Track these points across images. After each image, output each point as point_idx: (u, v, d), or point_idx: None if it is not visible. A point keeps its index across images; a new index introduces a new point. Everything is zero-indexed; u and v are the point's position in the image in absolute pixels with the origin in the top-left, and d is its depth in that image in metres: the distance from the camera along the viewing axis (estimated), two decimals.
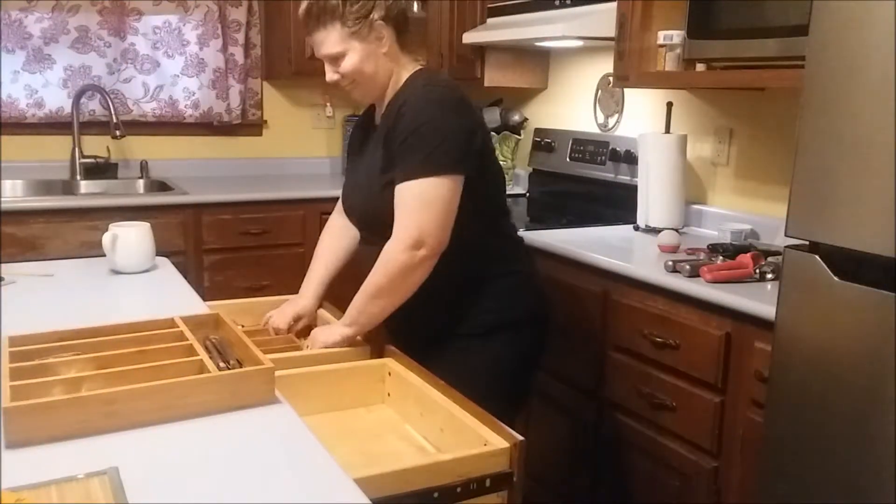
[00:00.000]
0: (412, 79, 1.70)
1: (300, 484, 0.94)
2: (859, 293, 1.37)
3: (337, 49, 1.66)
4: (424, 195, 1.56)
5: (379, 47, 1.67)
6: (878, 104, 1.32)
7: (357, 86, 1.71)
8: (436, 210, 1.57)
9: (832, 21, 1.39)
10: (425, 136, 1.57)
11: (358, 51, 1.66)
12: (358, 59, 1.66)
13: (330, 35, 1.65)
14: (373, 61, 1.68)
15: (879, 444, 1.35)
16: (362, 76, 1.69)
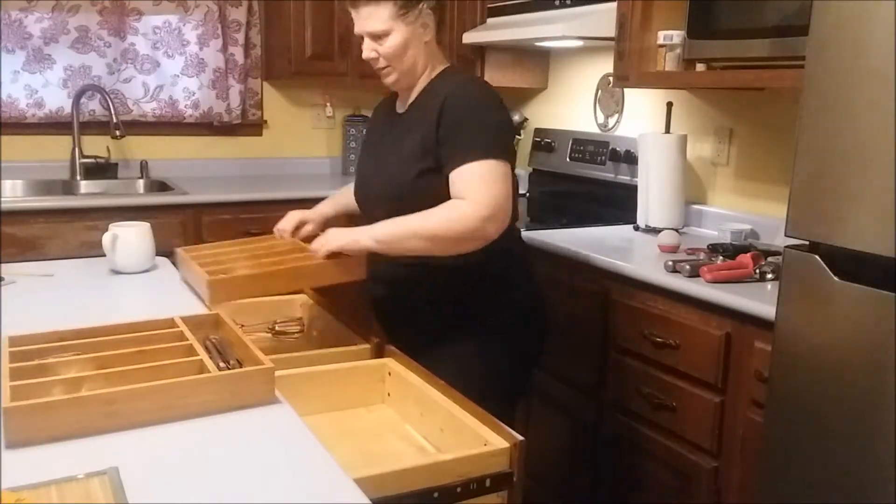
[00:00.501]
0: (447, 73, 1.73)
1: (300, 484, 0.94)
2: (859, 293, 1.37)
3: (382, 27, 1.64)
4: (495, 175, 1.58)
5: (423, 35, 1.68)
6: (877, 104, 1.32)
7: (392, 70, 1.70)
8: (505, 192, 1.59)
9: (832, 21, 1.39)
10: (482, 123, 1.61)
11: (403, 33, 1.65)
12: (401, 42, 1.66)
13: (378, 11, 1.63)
14: (414, 47, 1.68)
15: (879, 443, 1.35)
16: (401, 61, 1.68)
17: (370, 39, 1.67)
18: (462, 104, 1.62)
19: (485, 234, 1.58)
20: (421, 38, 1.68)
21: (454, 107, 1.61)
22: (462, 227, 1.57)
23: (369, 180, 1.80)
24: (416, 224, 1.60)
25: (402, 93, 1.79)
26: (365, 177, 1.84)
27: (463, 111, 1.61)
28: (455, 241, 1.59)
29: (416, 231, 1.60)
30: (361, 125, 3.76)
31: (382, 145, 1.79)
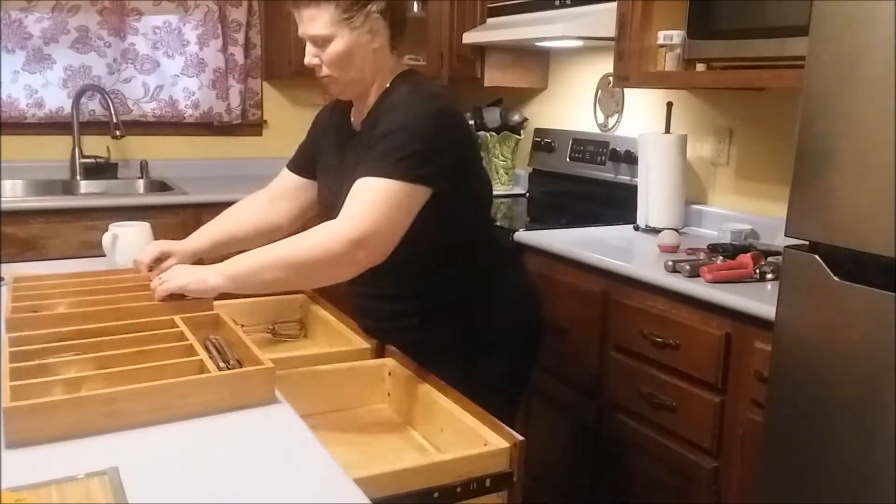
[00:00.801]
0: (400, 83, 1.59)
1: (300, 484, 0.94)
2: (859, 293, 1.37)
3: (324, 32, 1.50)
4: (388, 197, 1.42)
5: (370, 42, 1.54)
6: (877, 104, 1.32)
7: (335, 80, 1.57)
8: (394, 217, 1.43)
9: (832, 21, 1.39)
10: (402, 139, 1.45)
11: (346, 39, 1.51)
12: (344, 49, 1.52)
13: (320, 14, 1.50)
14: (359, 55, 1.54)
15: (879, 443, 1.35)
16: (344, 70, 1.54)
17: (312, 44, 1.54)
18: (391, 118, 1.49)
19: (354, 259, 1.41)
20: (367, 45, 1.54)
21: (384, 119, 1.50)
22: (326, 252, 1.40)
23: (331, 195, 1.64)
24: (273, 253, 1.43)
25: (356, 102, 1.66)
26: (326, 190, 1.70)
27: (390, 124, 1.48)
28: (321, 269, 1.42)
29: (273, 261, 1.42)
30: None
31: (341, 167, 1.63)
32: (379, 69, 1.59)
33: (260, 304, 1.89)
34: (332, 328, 1.76)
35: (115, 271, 1.72)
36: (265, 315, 1.85)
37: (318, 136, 1.80)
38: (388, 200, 1.42)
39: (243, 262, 1.44)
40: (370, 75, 1.58)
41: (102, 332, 1.30)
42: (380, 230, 1.42)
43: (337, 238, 1.40)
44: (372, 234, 1.41)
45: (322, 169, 1.76)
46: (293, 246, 1.43)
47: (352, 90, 1.60)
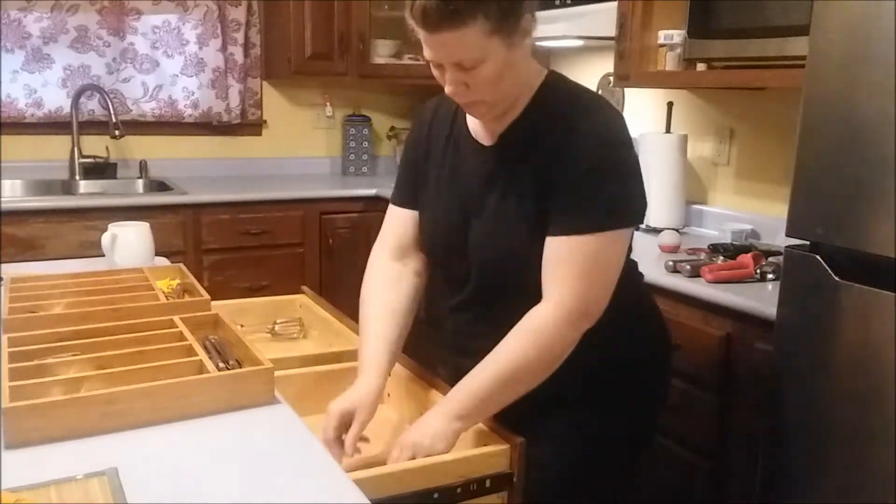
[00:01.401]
0: (552, 87, 1.29)
1: (300, 484, 0.94)
2: (859, 293, 1.37)
3: (475, 54, 1.16)
4: (601, 255, 1.21)
5: (523, 48, 1.22)
6: (878, 104, 1.32)
7: (484, 103, 1.24)
8: (610, 274, 1.24)
9: (832, 21, 1.39)
10: (606, 179, 1.20)
11: (501, 55, 1.17)
12: (500, 66, 1.18)
13: (467, 34, 1.14)
14: (514, 68, 1.22)
15: (879, 443, 1.34)
16: (497, 89, 1.21)
17: (454, 69, 1.19)
18: (586, 150, 1.20)
19: (578, 335, 1.24)
20: (520, 55, 1.22)
21: (576, 151, 1.20)
22: (555, 343, 1.22)
23: (458, 240, 1.35)
24: (504, 367, 1.23)
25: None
26: (448, 235, 1.37)
27: (585, 159, 1.20)
28: (553, 360, 1.24)
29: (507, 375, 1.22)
30: (361, 124, 3.76)
31: (472, 190, 1.33)
32: (528, 76, 1.29)
33: (260, 304, 1.89)
34: (332, 328, 1.76)
35: (115, 271, 1.72)
36: (265, 315, 1.84)
37: (420, 156, 1.43)
38: (603, 260, 1.22)
39: (473, 395, 1.23)
40: (522, 86, 1.28)
41: (101, 333, 1.29)
42: (597, 297, 1.23)
43: (561, 323, 1.22)
44: (591, 304, 1.23)
45: (432, 192, 1.41)
46: (519, 353, 1.22)
47: (500, 108, 1.27)
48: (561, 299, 1.21)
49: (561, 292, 1.21)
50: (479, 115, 1.29)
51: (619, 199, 1.22)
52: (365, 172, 3.77)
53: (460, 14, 1.12)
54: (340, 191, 3.32)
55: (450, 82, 1.21)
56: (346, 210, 3.27)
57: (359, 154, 3.77)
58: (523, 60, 1.24)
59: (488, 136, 1.32)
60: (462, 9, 1.12)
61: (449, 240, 1.37)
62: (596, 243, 1.20)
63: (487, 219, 1.30)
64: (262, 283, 3.09)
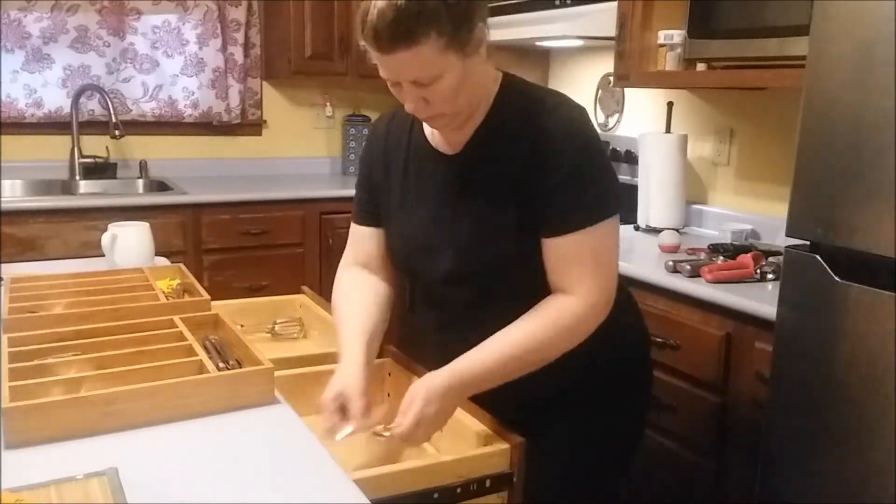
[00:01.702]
0: (508, 89, 1.29)
1: (300, 484, 0.94)
2: (859, 293, 1.37)
3: (431, 70, 1.15)
4: (605, 244, 1.25)
5: (477, 60, 1.20)
6: (878, 104, 1.31)
7: (444, 115, 1.23)
8: (616, 259, 1.29)
9: (832, 21, 1.39)
10: (588, 175, 1.22)
11: (457, 68, 1.16)
12: (457, 79, 1.17)
13: (421, 52, 1.12)
14: (471, 78, 1.20)
15: (879, 443, 1.34)
16: (454, 102, 1.20)
17: (412, 87, 1.18)
18: (563, 151, 1.20)
19: (598, 323, 1.26)
20: (476, 65, 1.20)
21: (553, 155, 1.20)
22: (580, 331, 1.24)
23: (437, 251, 1.31)
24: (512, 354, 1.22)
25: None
26: (425, 247, 1.33)
27: (566, 161, 1.20)
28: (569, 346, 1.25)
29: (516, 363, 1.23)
30: (361, 125, 3.76)
31: (443, 201, 1.31)
32: (486, 83, 1.28)
33: (260, 304, 1.89)
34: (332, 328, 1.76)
35: (115, 271, 1.72)
36: (265, 315, 1.84)
37: (377, 169, 1.42)
38: (603, 250, 1.25)
39: (479, 372, 1.22)
40: (480, 94, 1.26)
41: (101, 333, 1.30)
42: (608, 287, 1.26)
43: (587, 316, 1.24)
44: (607, 295, 1.26)
45: (398, 209, 1.38)
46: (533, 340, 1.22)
47: (461, 118, 1.26)
48: (589, 293, 1.23)
49: (588, 288, 1.23)
50: (441, 127, 1.27)
51: (603, 189, 1.25)
52: None
53: (412, 33, 1.10)
54: (340, 191, 3.31)
55: (408, 100, 1.20)
56: (346, 210, 3.24)
57: (359, 154, 3.77)
58: (479, 68, 1.23)
59: (450, 145, 1.31)
60: (413, 28, 1.10)
61: (424, 253, 1.34)
62: (598, 234, 1.23)
63: (467, 229, 1.28)
64: (262, 283, 3.09)
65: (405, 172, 1.37)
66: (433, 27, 1.11)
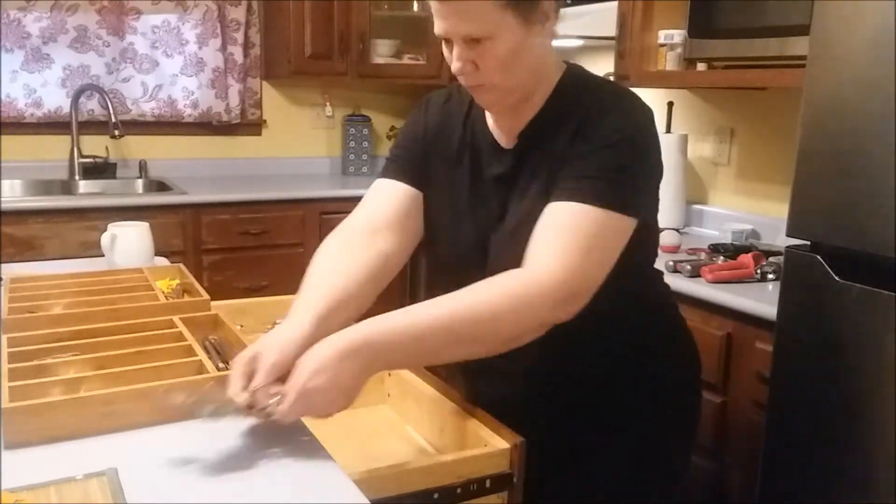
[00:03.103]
0: (572, 77, 1.20)
1: (300, 484, 0.94)
2: (859, 293, 1.37)
3: (487, 27, 1.05)
4: (597, 234, 1.07)
5: (541, 33, 1.10)
6: (878, 104, 1.31)
7: (493, 89, 1.12)
8: (608, 259, 1.09)
9: (833, 21, 1.38)
10: (623, 158, 1.10)
11: (515, 33, 1.07)
12: (512, 46, 1.07)
13: (480, 3, 1.04)
14: (529, 52, 1.10)
15: (879, 443, 1.34)
16: (510, 74, 1.10)
17: (463, 45, 1.08)
18: (603, 128, 1.10)
19: (553, 321, 1.08)
20: (538, 38, 1.10)
21: (594, 127, 1.10)
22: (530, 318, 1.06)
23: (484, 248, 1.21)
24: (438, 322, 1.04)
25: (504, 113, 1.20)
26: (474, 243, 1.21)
27: (607, 135, 1.10)
28: (521, 337, 1.08)
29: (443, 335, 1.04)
30: (361, 124, 3.76)
31: (493, 197, 1.21)
32: (547, 66, 1.17)
33: (260, 304, 1.89)
34: None
35: (114, 271, 1.72)
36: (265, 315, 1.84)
37: (431, 138, 1.28)
38: (604, 237, 1.08)
39: (396, 338, 1.02)
40: (538, 76, 1.16)
41: (101, 333, 1.29)
42: (590, 278, 1.07)
43: (542, 296, 1.04)
44: (582, 285, 1.06)
45: (440, 192, 1.26)
46: (470, 310, 1.04)
47: (512, 98, 1.15)
48: (551, 268, 1.04)
49: (554, 262, 1.04)
50: (488, 102, 1.17)
51: (632, 185, 1.12)
52: (365, 172, 3.77)
53: None
54: (340, 191, 3.31)
55: (457, 58, 1.09)
56: (346, 210, 3.21)
57: (359, 154, 3.77)
58: (541, 48, 1.13)
59: (506, 136, 1.21)
60: None
61: (471, 254, 1.22)
62: (600, 221, 1.07)
63: (509, 226, 1.17)
64: (261, 283, 3.09)
65: (459, 163, 1.25)
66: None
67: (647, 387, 1.27)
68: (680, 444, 1.35)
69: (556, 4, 1.12)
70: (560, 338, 1.10)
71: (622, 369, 1.24)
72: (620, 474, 1.26)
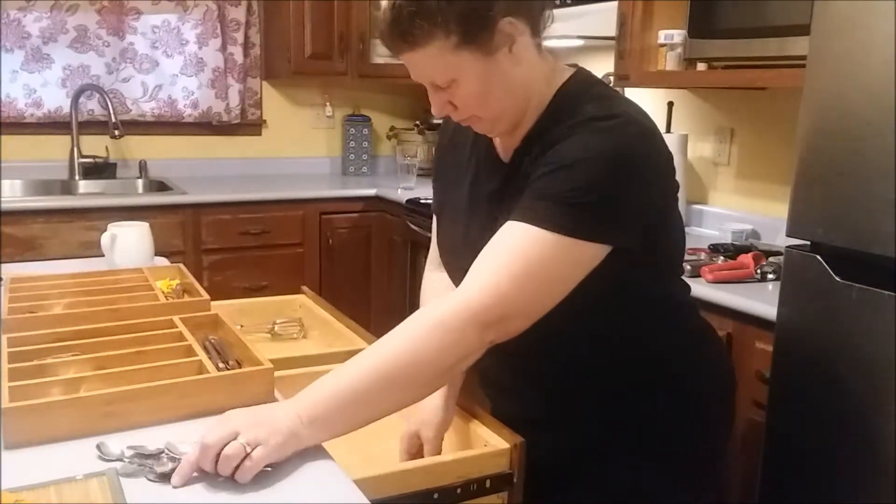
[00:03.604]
0: (564, 92, 1.13)
1: (300, 484, 0.94)
2: (859, 293, 1.37)
3: (444, 73, 1.05)
4: (551, 257, 1.01)
5: (509, 58, 1.06)
6: (878, 104, 1.31)
7: (481, 119, 1.11)
8: (552, 293, 1.03)
9: (833, 21, 1.38)
10: (576, 176, 1.01)
11: (476, 69, 1.05)
12: (478, 82, 1.06)
13: (429, 52, 1.03)
14: (502, 80, 1.07)
15: (880, 443, 1.34)
16: (488, 105, 1.09)
17: (434, 90, 1.09)
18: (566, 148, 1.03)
19: (487, 343, 1.04)
20: (508, 63, 1.06)
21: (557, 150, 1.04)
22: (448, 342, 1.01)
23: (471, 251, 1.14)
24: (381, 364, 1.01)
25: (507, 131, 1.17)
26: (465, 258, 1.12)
27: (560, 155, 1.03)
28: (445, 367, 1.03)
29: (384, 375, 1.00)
30: (361, 124, 3.76)
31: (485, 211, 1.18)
32: (530, 83, 1.12)
33: (260, 304, 1.89)
34: (332, 328, 1.76)
35: (114, 271, 1.72)
36: (265, 315, 1.84)
37: (445, 161, 1.31)
38: (543, 263, 1.01)
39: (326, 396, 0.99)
40: (522, 97, 1.11)
41: (101, 333, 1.29)
42: (526, 304, 1.02)
43: (459, 321, 1.00)
44: (512, 309, 1.02)
45: (451, 208, 1.27)
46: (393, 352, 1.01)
47: (504, 122, 1.13)
48: (479, 292, 1.01)
49: (482, 285, 1.01)
50: (484, 131, 1.15)
51: (601, 210, 1.02)
52: (365, 172, 3.77)
53: (411, 34, 1.02)
54: (340, 191, 3.32)
55: (434, 104, 1.10)
56: (346, 210, 3.27)
57: (359, 154, 3.77)
58: (519, 68, 1.08)
59: (504, 152, 1.18)
60: (410, 29, 1.01)
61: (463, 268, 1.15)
62: (552, 243, 1.00)
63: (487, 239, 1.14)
64: (261, 283, 3.09)
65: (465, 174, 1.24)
66: (438, 27, 1.01)
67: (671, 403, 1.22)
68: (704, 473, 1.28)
69: (517, 20, 1.05)
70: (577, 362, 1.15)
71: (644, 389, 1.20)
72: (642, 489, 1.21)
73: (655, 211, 1.10)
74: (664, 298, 1.22)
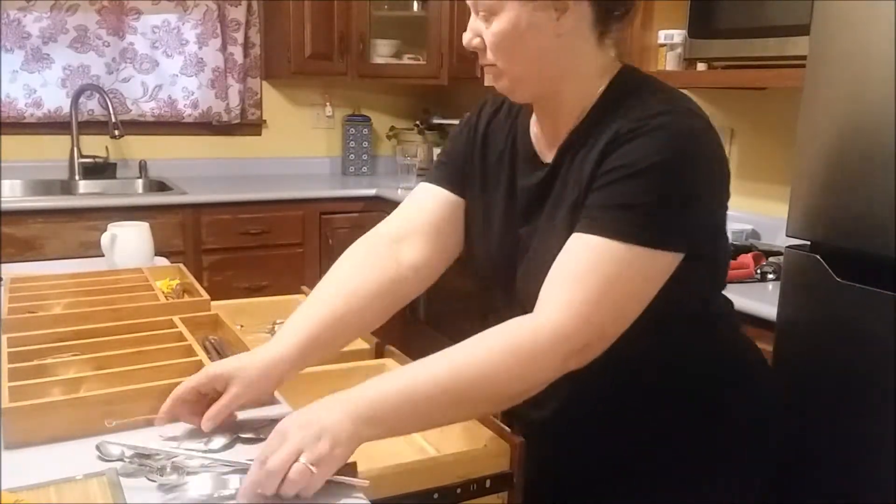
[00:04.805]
0: (618, 89, 1.05)
1: None
2: (859, 293, 1.37)
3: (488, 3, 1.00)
4: (628, 272, 0.94)
5: (551, 21, 0.99)
6: (878, 104, 1.31)
7: (500, 73, 1.04)
8: (634, 300, 0.97)
9: (833, 21, 1.38)
10: (657, 185, 0.95)
11: (519, 13, 0.98)
12: (513, 26, 0.99)
13: None
14: (534, 39, 1.00)
15: (880, 443, 1.34)
16: (511, 58, 1.02)
17: (477, 17, 1.03)
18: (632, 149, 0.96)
19: (564, 371, 0.97)
20: (548, 26, 0.99)
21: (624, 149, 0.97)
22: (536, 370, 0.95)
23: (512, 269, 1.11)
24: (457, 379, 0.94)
25: (542, 117, 1.10)
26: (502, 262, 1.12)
27: (627, 158, 0.96)
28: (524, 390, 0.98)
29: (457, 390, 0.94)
30: (361, 124, 3.76)
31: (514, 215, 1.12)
32: (573, 67, 1.04)
33: (259, 304, 1.89)
34: None
35: (114, 271, 1.72)
36: (265, 315, 1.84)
37: (478, 142, 1.19)
38: (624, 277, 0.94)
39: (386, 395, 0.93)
40: (554, 73, 1.04)
41: (101, 333, 1.29)
42: (606, 327, 0.96)
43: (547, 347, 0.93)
44: (594, 334, 0.95)
45: (475, 204, 1.18)
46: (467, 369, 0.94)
47: (524, 91, 1.06)
48: (561, 319, 0.93)
49: (562, 310, 0.94)
50: (502, 89, 1.07)
51: (669, 215, 0.96)
52: (365, 172, 3.77)
53: None
54: (340, 191, 3.32)
55: (468, 30, 1.04)
56: (345, 210, 3.28)
57: (359, 154, 3.77)
58: (557, 43, 1.01)
59: (547, 149, 1.10)
60: None
61: (499, 273, 1.13)
62: (628, 256, 0.94)
63: (534, 252, 1.08)
64: (261, 283, 3.09)
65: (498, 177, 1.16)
66: None
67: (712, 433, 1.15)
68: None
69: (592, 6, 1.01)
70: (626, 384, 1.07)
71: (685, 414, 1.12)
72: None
73: (722, 213, 1.07)
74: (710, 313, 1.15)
